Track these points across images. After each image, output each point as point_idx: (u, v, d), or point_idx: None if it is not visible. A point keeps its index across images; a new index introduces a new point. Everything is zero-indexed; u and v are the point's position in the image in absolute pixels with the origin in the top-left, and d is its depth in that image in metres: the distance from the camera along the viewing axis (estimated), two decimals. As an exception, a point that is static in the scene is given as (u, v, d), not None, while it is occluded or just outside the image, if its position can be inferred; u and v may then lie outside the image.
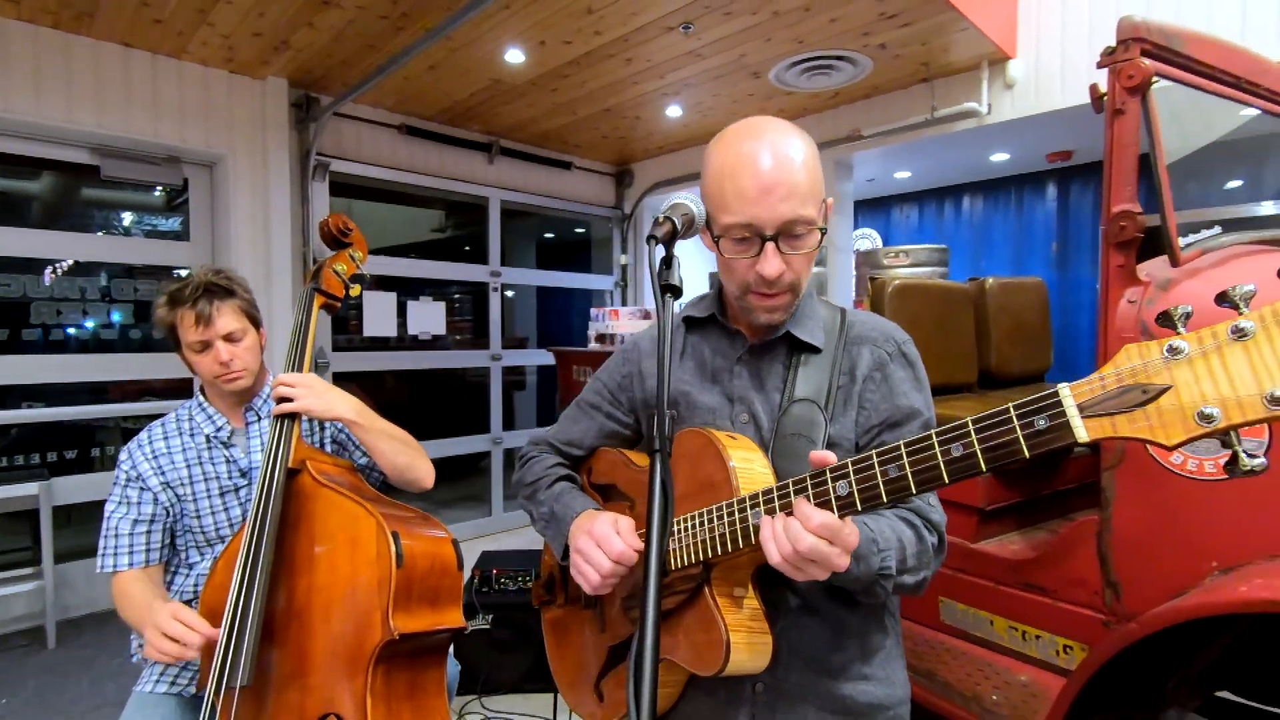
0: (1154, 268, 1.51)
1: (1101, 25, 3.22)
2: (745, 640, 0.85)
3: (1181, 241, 1.46)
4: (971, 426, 0.68)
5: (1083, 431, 0.62)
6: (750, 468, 0.89)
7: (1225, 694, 1.63)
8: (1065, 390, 0.63)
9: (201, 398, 1.55)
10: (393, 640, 1.17)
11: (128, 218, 3.90)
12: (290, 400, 1.36)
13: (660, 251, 0.82)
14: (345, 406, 1.41)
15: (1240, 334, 0.55)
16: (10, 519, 3.25)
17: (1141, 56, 1.40)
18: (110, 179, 3.49)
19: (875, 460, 0.74)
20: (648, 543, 0.66)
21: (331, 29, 3.21)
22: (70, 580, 3.31)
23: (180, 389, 3.71)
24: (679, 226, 0.87)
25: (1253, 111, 1.75)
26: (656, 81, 3.86)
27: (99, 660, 2.91)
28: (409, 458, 1.49)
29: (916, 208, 5.50)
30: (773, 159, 0.88)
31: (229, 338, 1.47)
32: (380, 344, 4.47)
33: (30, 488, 3.01)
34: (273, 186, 3.81)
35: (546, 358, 4.65)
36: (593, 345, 4.08)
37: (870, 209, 5.72)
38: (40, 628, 3.10)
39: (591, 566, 0.92)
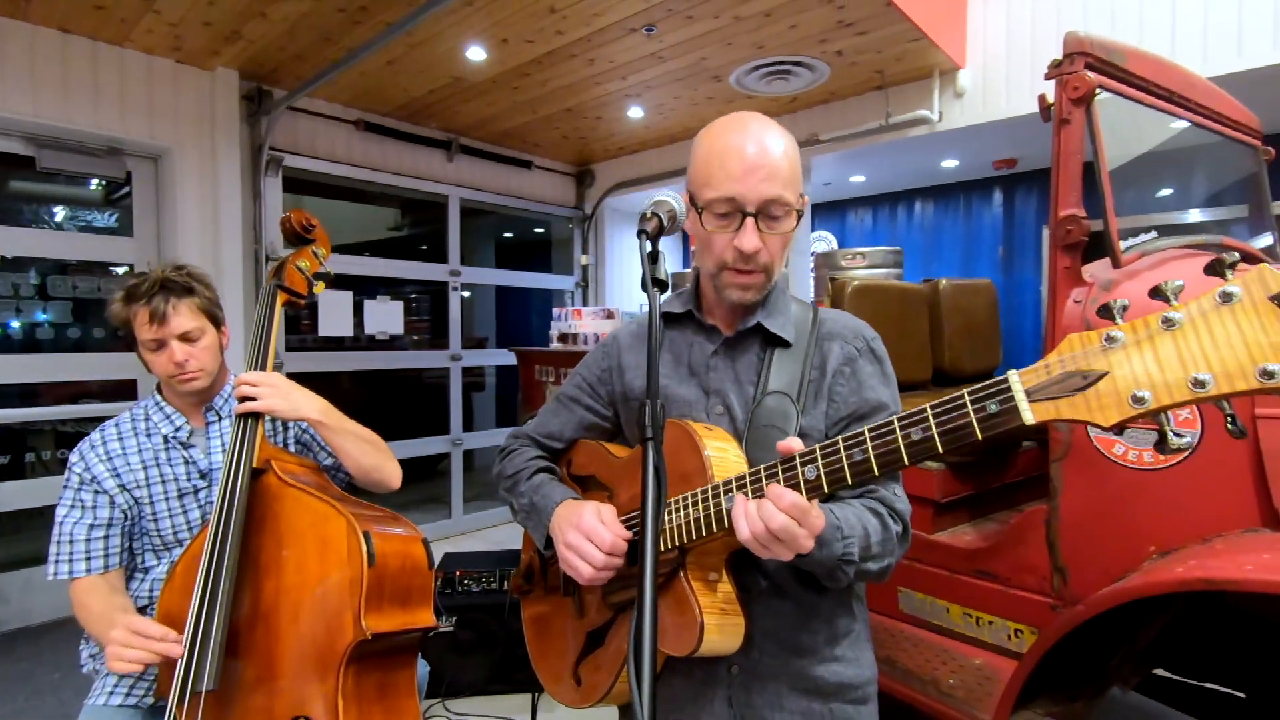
0: (1097, 269, 1.60)
1: (1044, 39, 3.38)
2: (718, 622, 0.88)
3: (1121, 245, 1.55)
4: (930, 412, 0.73)
5: (1029, 414, 0.67)
6: (724, 457, 0.92)
7: (1161, 671, 1.73)
8: (1014, 376, 0.69)
9: (159, 396, 1.50)
10: (365, 640, 1.16)
11: (60, 212, 3.71)
12: (254, 400, 1.33)
13: (648, 246, 0.85)
14: (311, 406, 1.39)
15: (1169, 324, 0.61)
16: (-64, 529, 3.08)
17: (1085, 70, 1.48)
18: (48, 170, 3.33)
19: (841, 445, 0.78)
20: (642, 530, 0.67)
21: (286, 20, 3.13)
22: (3, 592, 3.14)
23: (120, 391, 3.56)
24: (664, 222, 0.90)
25: (1182, 124, 1.87)
26: (618, 82, 3.87)
27: (36, 674, 2.77)
28: (376, 458, 1.47)
29: (871, 211, 5.65)
30: (757, 145, 0.95)
31: (185, 337, 1.42)
32: (336, 344, 4.37)
33: (-41, 495, 2.85)
34: (222, 181, 3.69)
35: (507, 358, 4.62)
36: (555, 345, 4.07)
37: (826, 212, 5.84)
38: (-30, 643, 2.94)
39: (584, 560, 0.94)
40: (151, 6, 3.00)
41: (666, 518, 0.92)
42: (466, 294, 5.09)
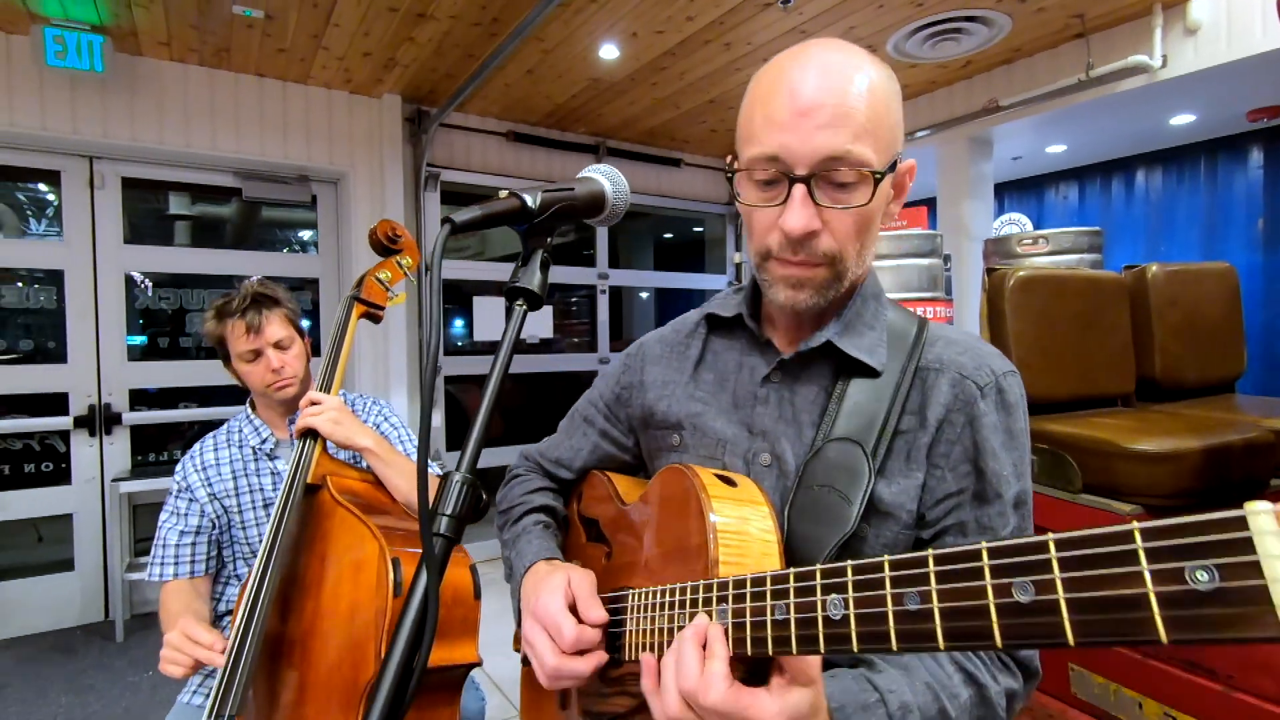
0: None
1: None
2: None
3: None
4: (1054, 550, 0.36)
5: None
6: (742, 529, 0.65)
7: None
8: (1263, 512, 0.29)
9: (249, 410, 1.57)
10: (384, 679, 1.08)
11: (306, 234, 4.28)
12: (311, 417, 1.32)
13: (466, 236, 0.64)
14: (365, 436, 1.36)
15: None
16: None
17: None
18: (250, 199, 3.82)
19: (887, 572, 0.44)
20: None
21: (431, 41, 3.29)
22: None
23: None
24: (533, 205, 0.65)
25: None
26: (760, 65, 3.60)
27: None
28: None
29: (1075, 186, 4.76)
30: (820, 77, 0.65)
31: (278, 345, 1.49)
32: (491, 348, 4.58)
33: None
34: (389, 199, 4.00)
35: (653, 361, 4.53)
36: (694, 348, 3.89)
37: (1017, 191, 5.03)
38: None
39: (538, 661, 0.71)
40: (320, 44, 3.30)
41: (647, 615, 0.67)
42: (642, 295, 5.07)
